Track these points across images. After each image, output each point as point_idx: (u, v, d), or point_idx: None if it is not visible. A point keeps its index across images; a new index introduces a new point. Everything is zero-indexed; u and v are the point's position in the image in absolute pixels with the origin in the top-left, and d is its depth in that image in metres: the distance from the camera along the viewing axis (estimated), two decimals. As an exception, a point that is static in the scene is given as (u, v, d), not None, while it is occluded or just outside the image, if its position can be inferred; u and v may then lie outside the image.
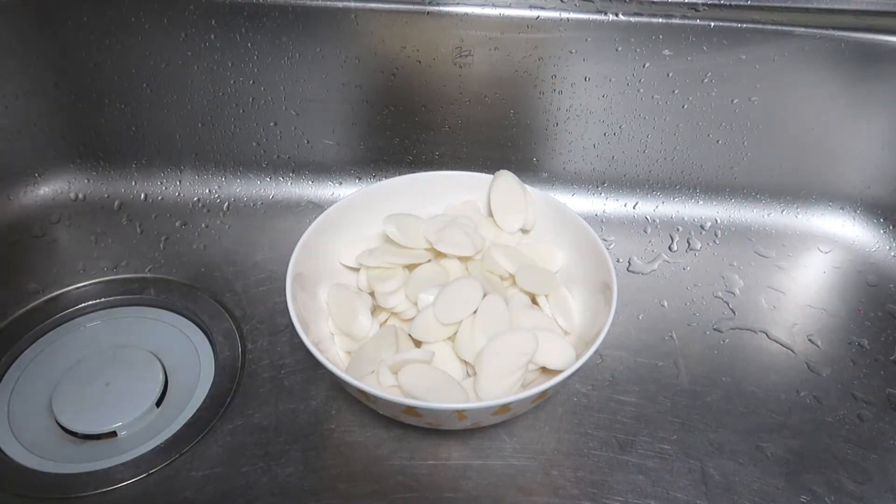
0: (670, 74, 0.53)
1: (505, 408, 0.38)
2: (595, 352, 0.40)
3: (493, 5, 0.51)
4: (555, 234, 0.49)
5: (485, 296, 0.43)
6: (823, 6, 0.51)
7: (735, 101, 0.54)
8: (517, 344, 0.41)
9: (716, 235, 0.58)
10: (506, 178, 0.49)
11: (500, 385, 0.40)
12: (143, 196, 0.59)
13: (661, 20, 0.51)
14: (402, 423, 0.42)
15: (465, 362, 0.43)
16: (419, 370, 0.40)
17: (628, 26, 0.51)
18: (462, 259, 0.47)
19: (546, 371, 0.42)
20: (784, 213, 0.59)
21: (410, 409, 0.37)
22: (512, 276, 0.46)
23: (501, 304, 0.43)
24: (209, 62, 0.54)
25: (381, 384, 0.40)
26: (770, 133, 0.55)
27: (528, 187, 0.49)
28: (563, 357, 0.41)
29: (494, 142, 0.57)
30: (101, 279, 0.53)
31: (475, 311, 0.43)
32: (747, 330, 0.52)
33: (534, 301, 0.46)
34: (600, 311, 0.43)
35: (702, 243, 0.57)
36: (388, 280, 0.45)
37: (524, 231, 0.50)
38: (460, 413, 0.37)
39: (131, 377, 0.47)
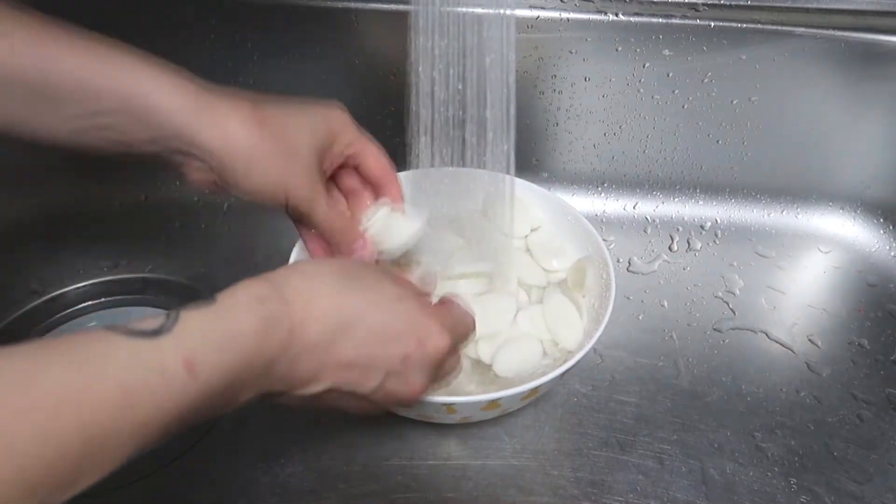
0: (670, 74, 0.53)
1: (493, 403, 0.38)
2: (594, 352, 0.40)
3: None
4: (558, 234, 0.48)
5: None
6: (823, 6, 0.51)
7: (735, 101, 0.54)
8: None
9: (716, 235, 0.58)
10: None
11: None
12: (143, 196, 0.58)
13: (661, 20, 0.51)
14: (402, 423, 0.42)
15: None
16: None
17: (628, 26, 0.51)
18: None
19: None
20: (784, 213, 0.59)
21: None
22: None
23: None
24: (209, 62, 0.54)
25: None
26: (770, 133, 0.55)
27: (527, 184, 0.49)
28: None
29: (494, 142, 0.57)
30: (101, 279, 0.53)
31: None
32: (747, 330, 0.52)
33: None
34: (598, 311, 0.43)
35: (702, 243, 0.57)
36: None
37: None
38: (449, 407, 0.38)
39: (131, 377, 0.47)
